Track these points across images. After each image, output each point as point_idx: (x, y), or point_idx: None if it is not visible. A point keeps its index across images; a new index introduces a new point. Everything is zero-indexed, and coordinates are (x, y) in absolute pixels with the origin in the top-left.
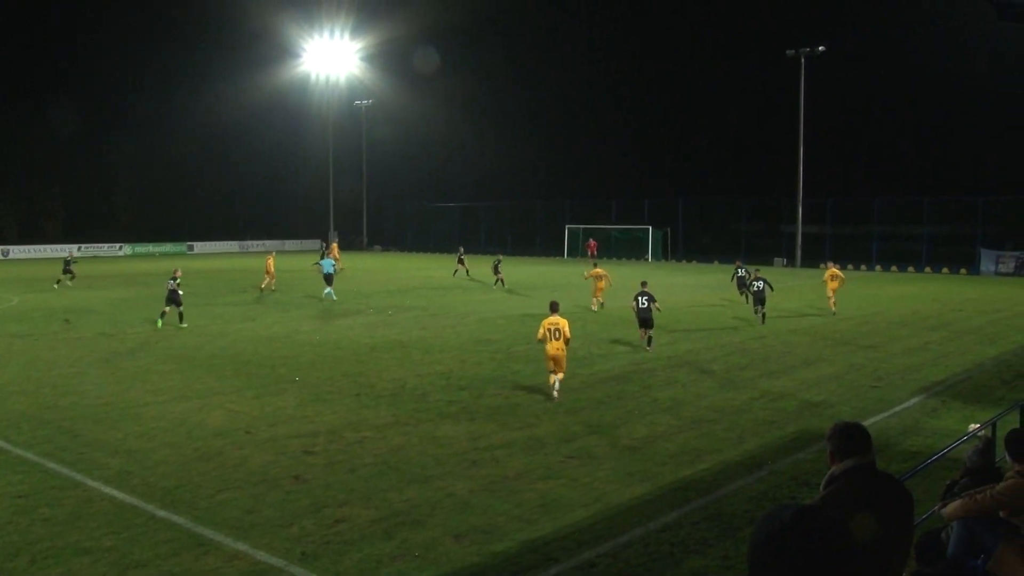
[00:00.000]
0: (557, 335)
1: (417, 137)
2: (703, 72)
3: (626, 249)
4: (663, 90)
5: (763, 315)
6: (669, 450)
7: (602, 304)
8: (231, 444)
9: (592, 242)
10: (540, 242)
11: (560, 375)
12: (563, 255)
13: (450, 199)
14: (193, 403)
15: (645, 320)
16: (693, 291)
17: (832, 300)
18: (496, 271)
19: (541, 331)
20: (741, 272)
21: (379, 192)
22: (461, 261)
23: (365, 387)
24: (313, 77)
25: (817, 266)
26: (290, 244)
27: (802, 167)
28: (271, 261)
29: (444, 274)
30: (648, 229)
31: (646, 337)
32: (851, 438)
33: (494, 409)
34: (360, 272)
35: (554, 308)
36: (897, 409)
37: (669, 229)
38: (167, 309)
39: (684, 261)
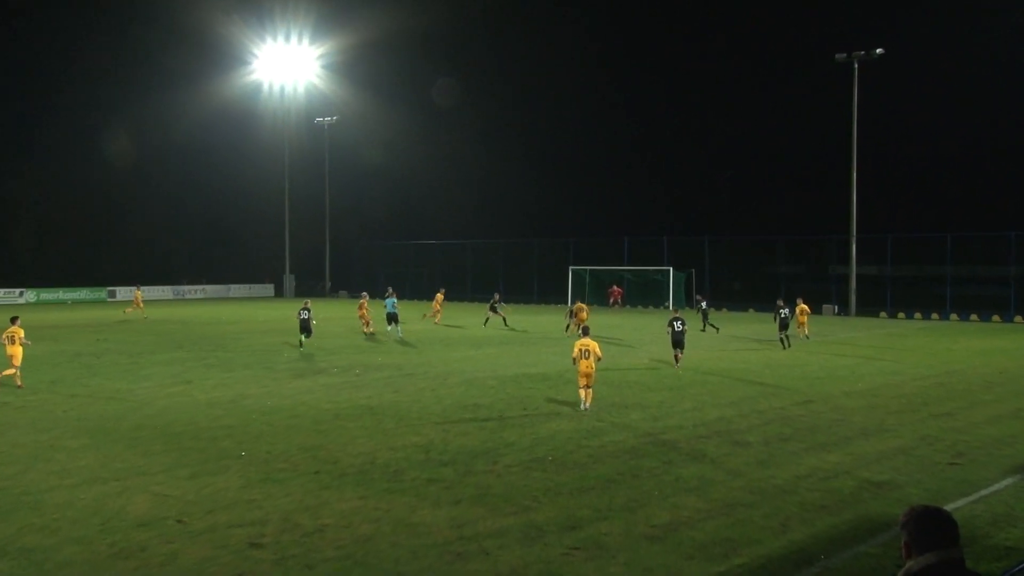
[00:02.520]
0: (587, 355)
1: (391, 163)
2: (729, 87)
3: (642, 295)
4: (683, 109)
5: (785, 338)
6: (696, 540)
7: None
8: (158, 537)
9: (616, 289)
10: (539, 287)
11: (591, 391)
12: (566, 301)
13: (430, 236)
14: (110, 486)
15: (678, 342)
16: (723, 345)
17: (804, 329)
18: (494, 310)
19: (575, 351)
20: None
21: (345, 228)
22: (494, 308)
23: (326, 463)
24: (266, 88)
25: (877, 314)
26: (237, 289)
27: (855, 195)
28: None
29: (423, 326)
30: (668, 271)
31: (677, 356)
32: (934, 527)
33: (483, 489)
34: (322, 323)
35: (586, 331)
36: (984, 492)
37: (693, 271)
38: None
39: (712, 309)
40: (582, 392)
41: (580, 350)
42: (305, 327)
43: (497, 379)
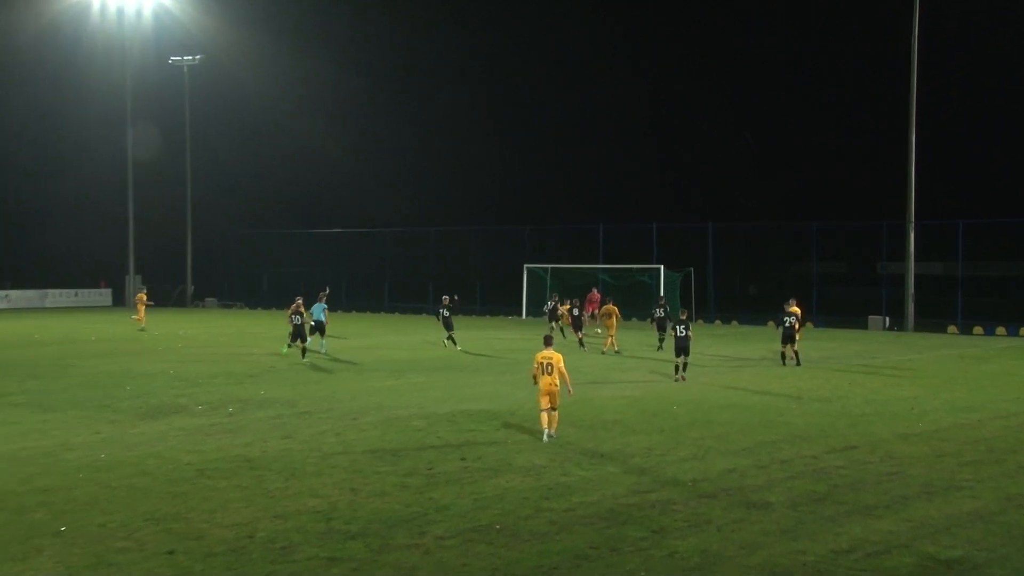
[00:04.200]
0: (550, 369)
1: (279, 124)
2: (741, 19)
3: (623, 301)
4: (678, 49)
5: (795, 355)
6: None
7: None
8: None
9: (595, 293)
10: (482, 292)
11: (556, 415)
12: (520, 311)
13: (333, 223)
14: None
15: (681, 349)
16: (735, 371)
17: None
18: (447, 324)
19: (534, 366)
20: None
21: (215, 214)
22: (447, 323)
23: (186, 539)
24: (96, 11)
25: (943, 329)
26: (57, 297)
27: (914, 167)
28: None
29: (331, 344)
30: (658, 270)
31: (680, 364)
32: None
33: (406, 572)
34: (179, 343)
35: (548, 342)
36: None
37: (692, 270)
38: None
39: (718, 322)
40: (544, 417)
41: (541, 364)
42: (299, 333)
43: (426, 418)
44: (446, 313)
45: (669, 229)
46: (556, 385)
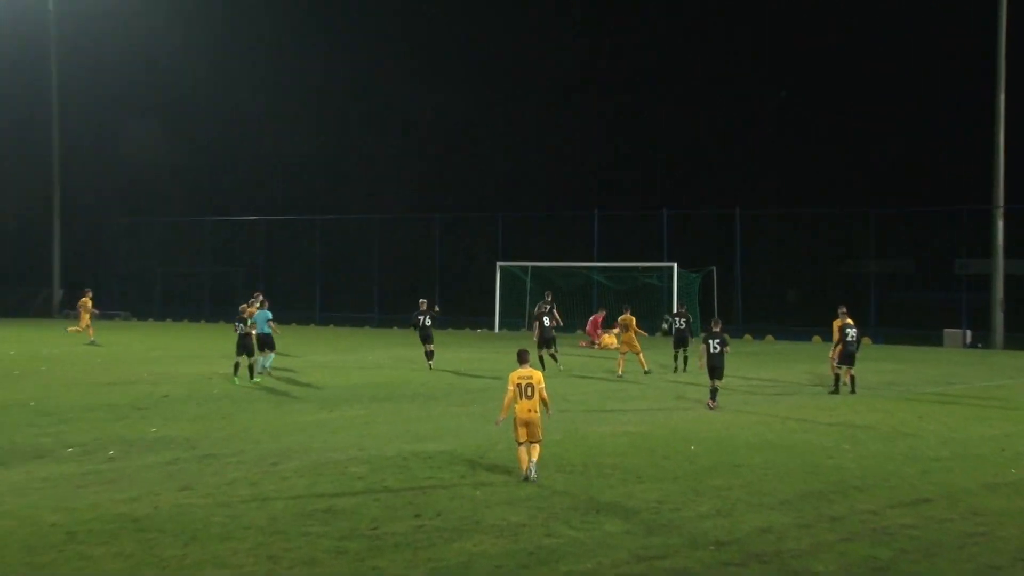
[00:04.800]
0: (530, 392)
1: (169, 80)
2: None
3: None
4: None
5: (850, 380)
6: None
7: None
8: None
9: (598, 317)
10: (443, 297)
11: (537, 449)
12: (491, 322)
13: (248, 209)
14: None
15: (715, 368)
16: (770, 400)
17: (836, 364)
18: (426, 336)
19: (510, 388)
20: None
21: (90, 197)
22: (426, 335)
23: None
24: None
25: None
26: None
27: (1002, 138)
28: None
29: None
30: (671, 269)
31: (712, 389)
32: None
33: None
34: (41, 364)
35: (523, 358)
36: None
37: (714, 269)
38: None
39: (748, 336)
40: (523, 453)
41: (519, 386)
42: (245, 346)
43: (368, 463)
44: (427, 322)
45: (684, 217)
46: (536, 411)
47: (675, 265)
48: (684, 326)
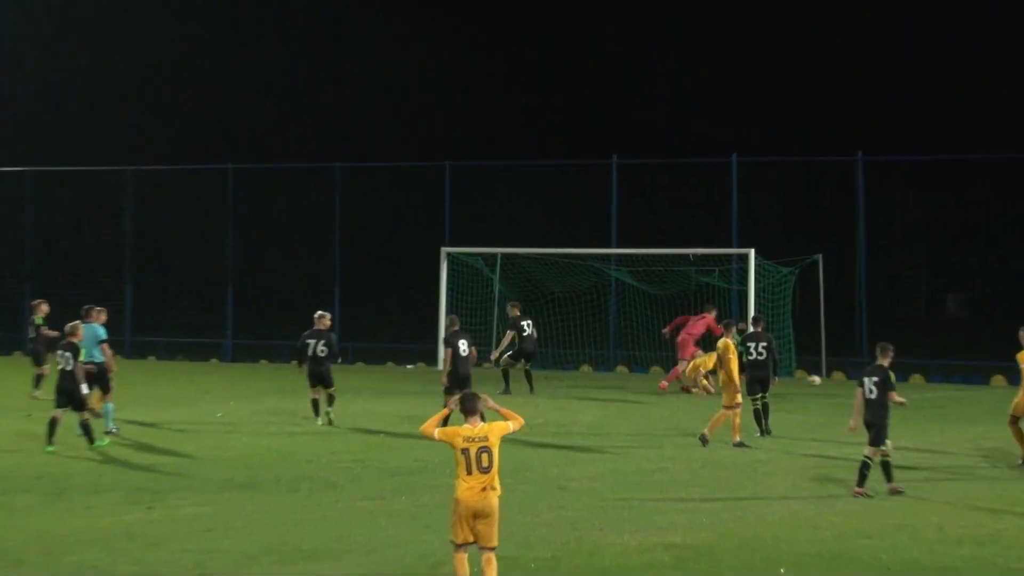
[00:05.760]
0: (485, 462)
1: None
2: None
3: (652, 320)
4: None
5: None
6: None
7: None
8: None
9: (708, 318)
10: (344, 308)
11: (491, 557)
12: (432, 349)
13: (62, 157)
14: None
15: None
16: (927, 485)
17: None
18: (314, 346)
19: (455, 449)
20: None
21: None
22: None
23: None
24: None
25: None
26: None
27: None
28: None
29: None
30: (745, 258)
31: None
32: None
33: None
34: None
35: (471, 407)
36: None
37: (820, 258)
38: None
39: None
40: (463, 567)
41: (466, 451)
42: (70, 393)
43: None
44: (322, 350)
45: (763, 168)
46: (494, 490)
47: (752, 252)
48: (764, 355)
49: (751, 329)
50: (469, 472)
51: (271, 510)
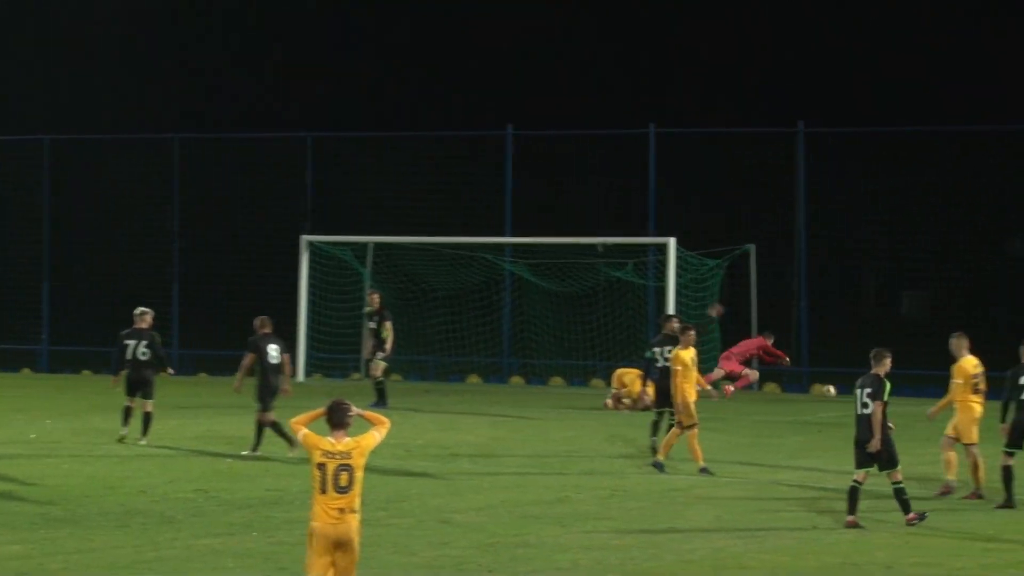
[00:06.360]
0: (344, 482)
1: None
2: None
3: (630, 326)
4: None
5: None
6: None
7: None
8: None
9: (764, 342)
10: (185, 310)
11: None
12: (294, 360)
13: None
14: None
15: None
16: (913, 533)
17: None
18: (134, 348)
19: (312, 468)
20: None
21: None
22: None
23: None
24: None
25: None
26: None
27: None
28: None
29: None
30: (665, 247)
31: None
32: None
33: None
34: None
35: (339, 418)
36: None
37: (752, 248)
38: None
39: (817, 387)
40: None
41: (322, 466)
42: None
43: None
44: (143, 353)
45: (686, 141)
46: (355, 511)
47: (672, 241)
48: (656, 357)
49: (662, 331)
50: (323, 491)
51: (96, 550)
